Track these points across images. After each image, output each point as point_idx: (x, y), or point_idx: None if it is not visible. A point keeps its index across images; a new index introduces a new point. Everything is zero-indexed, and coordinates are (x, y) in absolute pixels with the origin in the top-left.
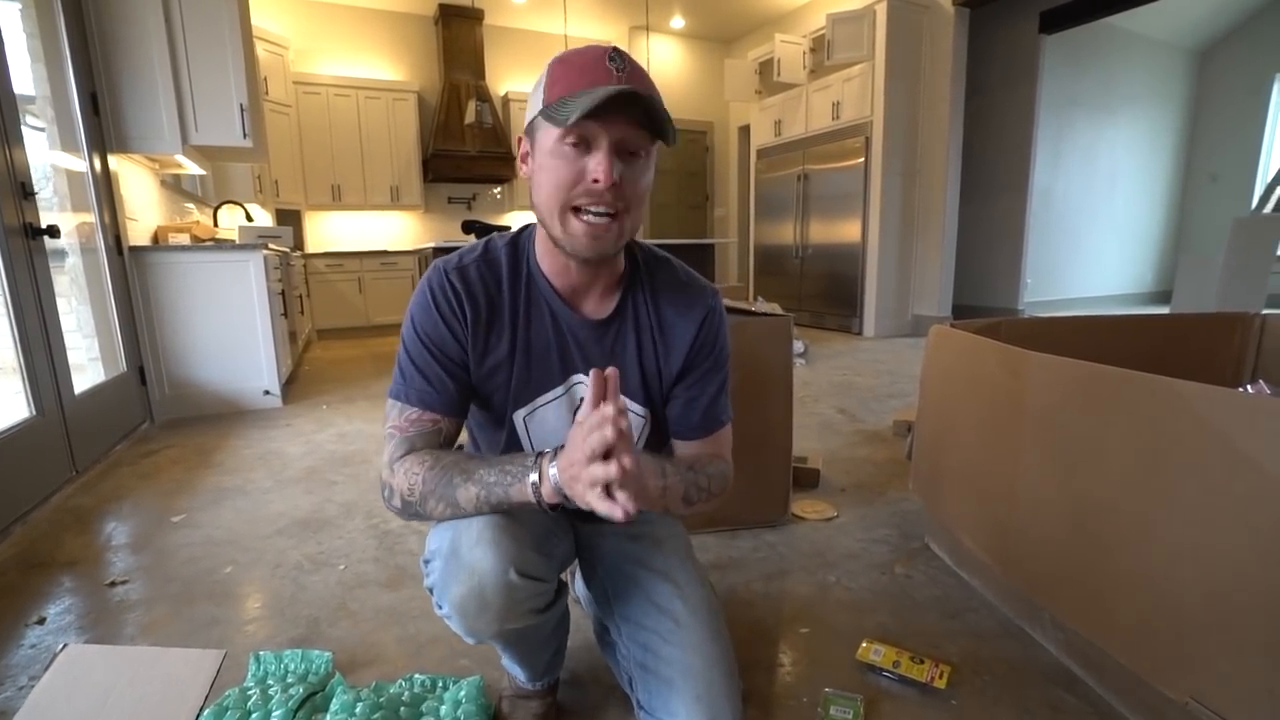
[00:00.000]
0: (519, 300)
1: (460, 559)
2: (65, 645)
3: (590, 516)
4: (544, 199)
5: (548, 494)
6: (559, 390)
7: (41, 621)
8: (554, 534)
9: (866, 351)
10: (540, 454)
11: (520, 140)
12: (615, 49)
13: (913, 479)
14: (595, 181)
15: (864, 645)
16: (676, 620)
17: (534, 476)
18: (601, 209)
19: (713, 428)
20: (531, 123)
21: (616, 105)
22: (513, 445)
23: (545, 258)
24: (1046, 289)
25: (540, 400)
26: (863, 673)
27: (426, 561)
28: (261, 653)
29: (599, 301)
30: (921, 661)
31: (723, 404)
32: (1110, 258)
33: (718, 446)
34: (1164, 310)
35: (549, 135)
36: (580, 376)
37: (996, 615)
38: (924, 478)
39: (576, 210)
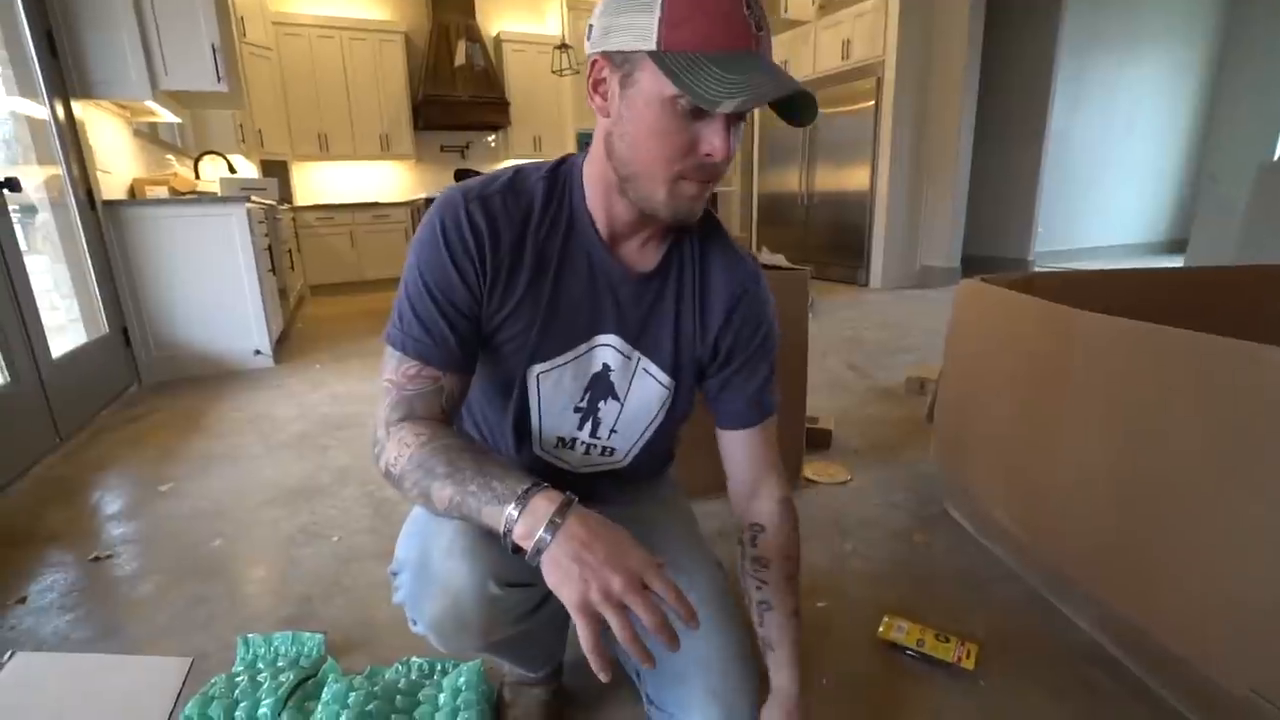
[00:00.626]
0: (554, 243)
1: (431, 573)
2: (12, 653)
3: (585, 496)
4: (641, 160)
5: (520, 535)
6: (581, 348)
7: (23, 601)
8: None
9: (873, 304)
10: (536, 485)
11: (596, 63)
12: None
13: (934, 444)
14: (708, 155)
15: (885, 621)
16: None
17: (511, 509)
18: (710, 180)
19: (763, 417)
20: (627, 54)
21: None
22: (518, 407)
23: (601, 198)
24: (1059, 238)
25: (559, 360)
26: (885, 651)
27: (394, 573)
28: (250, 635)
29: (642, 250)
30: (947, 639)
31: (772, 391)
32: (1126, 206)
33: (769, 445)
34: (1180, 259)
35: (658, 85)
36: (604, 337)
37: (1022, 586)
38: (947, 442)
39: (686, 179)
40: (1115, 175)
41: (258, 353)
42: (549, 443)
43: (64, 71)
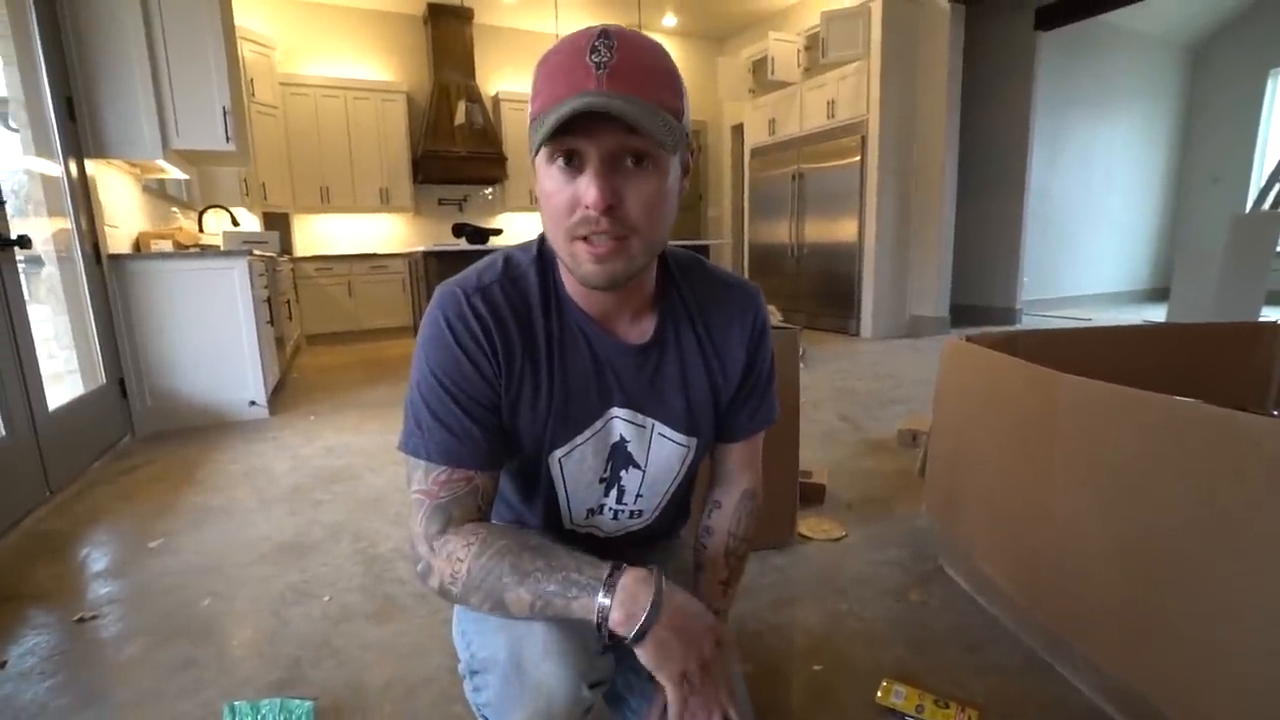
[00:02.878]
0: (552, 326)
1: (526, 677)
2: None
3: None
4: (548, 228)
5: (618, 621)
6: (597, 425)
7: (2, 665)
8: None
9: (865, 354)
10: (616, 567)
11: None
12: (604, 32)
13: (927, 500)
14: (586, 207)
15: (884, 685)
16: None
17: (603, 599)
18: (602, 236)
19: (759, 428)
20: (532, 144)
21: (600, 114)
22: (546, 491)
23: (569, 281)
24: (1044, 287)
25: (578, 439)
26: (883, 717)
27: (474, 673)
28: (237, 703)
29: (633, 323)
30: (947, 705)
31: (770, 403)
32: (1107, 255)
33: (752, 453)
34: (1162, 307)
35: (539, 159)
36: (617, 410)
37: (1021, 648)
38: (939, 499)
39: (576, 238)
40: (1096, 227)
41: (253, 404)
42: (579, 517)
43: (80, 133)
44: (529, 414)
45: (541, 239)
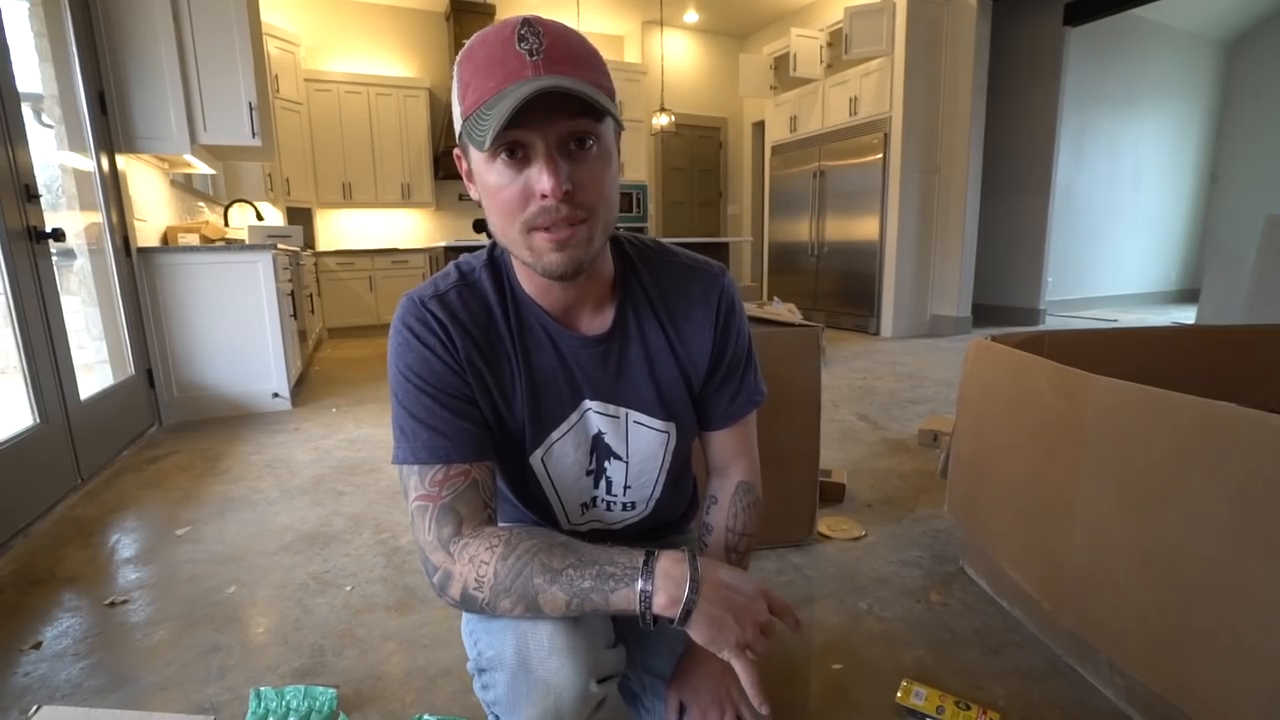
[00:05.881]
0: (512, 326)
1: (533, 674)
2: (38, 707)
3: None
4: (498, 227)
5: (662, 605)
6: (573, 418)
7: (37, 646)
8: None
9: (885, 353)
10: (650, 553)
11: (458, 156)
12: (525, 21)
13: (948, 500)
14: (543, 197)
15: (904, 685)
16: None
17: (643, 584)
18: (561, 223)
19: (743, 411)
20: (460, 137)
21: (543, 101)
22: (536, 491)
23: (526, 279)
24: (1068, 288)
25: (554, 435)
26: (904, 718)
27: (481, 671)
28: (263, 689)
29: (593, 315)
30: (968, 707)
31: (752, 384)
32: (1134, 256)
33: (742, 440)
34: (1190, 309)
35: (477, 156)
36: (589, 403)
37: (1043, 651)
38: (960, 500)
39: (535, 229)
40: (1124, 226)
41: (276, 395)
42: (575, 515)
43: (111, 128)
44: (505, 414)
45: (490, 247)
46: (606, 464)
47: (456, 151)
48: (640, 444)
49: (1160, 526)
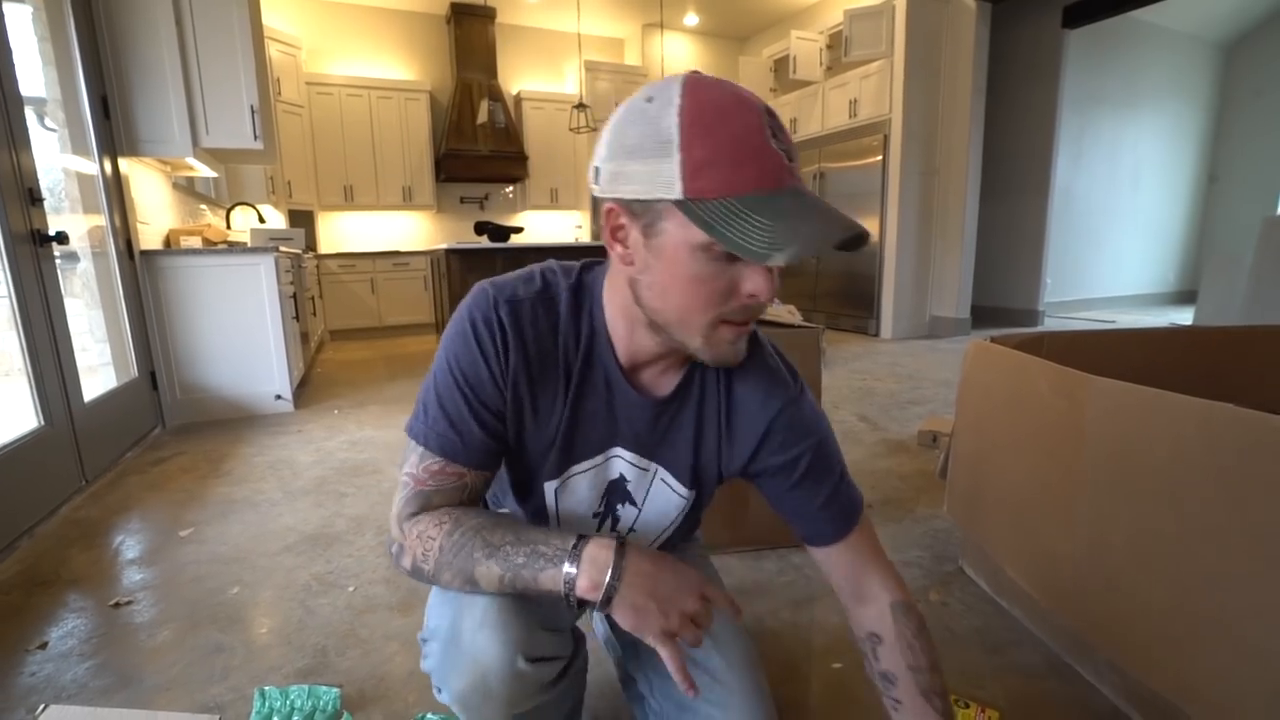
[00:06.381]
0: (574, 359)
1: (461, 647)
2: (45, 706)
3: None
4: (674, 308)
5: (585, 589)
6: (597, 459)
7: (43, 647)
8: None
9: (884, 354)
10: (581, 538)
11: (612, 210)
12: (767, 110)
13: (948, 501)
14: (752, 297)
15: None
16: (714, 676)
17: (568, 567)
18: (748, 320)
19: (846, 528)
20: (648, 202)
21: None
22: (537, 513)
23: (618, 320)
24: (1067, 289)
25: (575, 470)
26: None
27: (424, 640)
28: (267, 688)
29: (660, 376)
30: (967, 705)
31: (847, 497)
32: (1132, 257)
33: (863, 547)
34: (1188, 310)
35: (689, 233)
36: (619, 450)
37: (1042, 650)
38: (960, 500)
39: (727, 323)
40: (1121, 228)
41: (278, 397)
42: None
43: (114, 131)
44: (533, 435)
45: (584, 268)
46: (619, 507)
47: (614, 207)
48: (659, 499)
49: (1160, 526)
